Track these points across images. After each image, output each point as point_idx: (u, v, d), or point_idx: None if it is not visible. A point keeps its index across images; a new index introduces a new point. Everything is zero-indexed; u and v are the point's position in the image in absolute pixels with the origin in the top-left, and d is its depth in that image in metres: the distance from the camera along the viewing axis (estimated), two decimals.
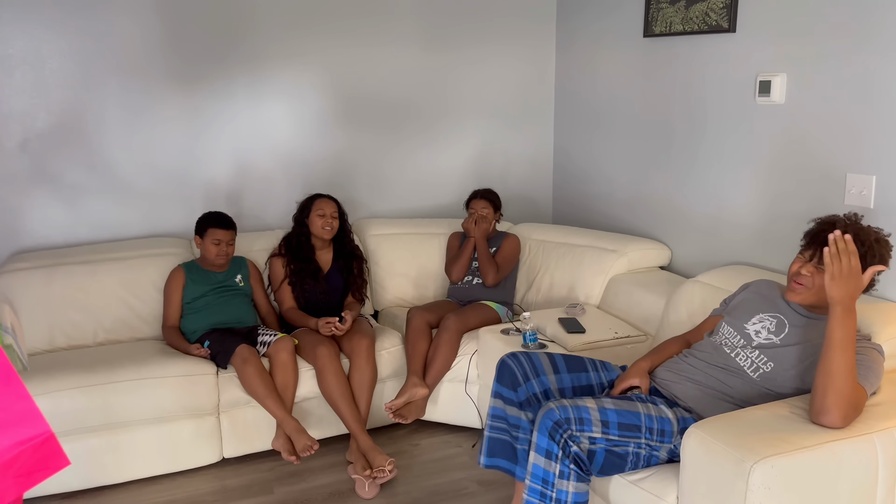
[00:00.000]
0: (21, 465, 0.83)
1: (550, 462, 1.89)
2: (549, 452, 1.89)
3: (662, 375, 2.16)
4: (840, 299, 1.74)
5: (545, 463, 1.90)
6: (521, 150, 4.01)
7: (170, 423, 2.72)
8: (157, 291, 3.07)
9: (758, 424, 1.78)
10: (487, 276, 3.23)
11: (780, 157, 2.63)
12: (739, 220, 2.84)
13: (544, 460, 1.90)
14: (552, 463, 1.89)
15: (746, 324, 2.09)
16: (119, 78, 3.20)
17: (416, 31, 3.67)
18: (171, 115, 3.31)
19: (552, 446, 1.88)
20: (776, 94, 2.59)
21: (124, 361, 2.72)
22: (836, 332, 1.74)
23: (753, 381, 2.00)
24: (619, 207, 3.57)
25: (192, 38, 3.27)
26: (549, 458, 1.89)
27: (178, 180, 3.38)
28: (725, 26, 2.79)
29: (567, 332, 2.77)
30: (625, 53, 3.41)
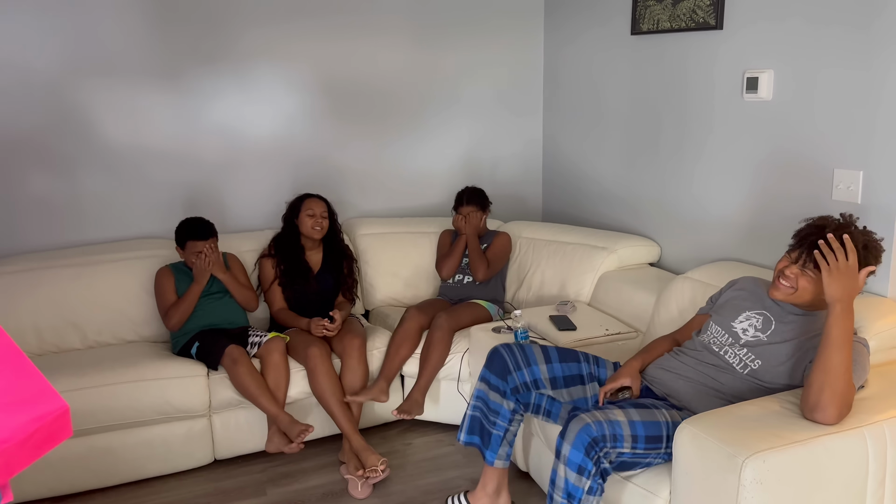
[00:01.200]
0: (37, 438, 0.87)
1: (581, 478, 1.85)
2: (581, 468, 1.85)
3: (654, 374, 2.17)
4: (839, 297, 1.75)
5: (576, 479, 1.86)
6: (510, 147, 4.02)
7: (161, 426, 2.71)
8: (145, 293, 3.05)
9: (749, 419, 1.79)
10: (478, 272, 3.24)
11: (767, 153, 2.65)
12: (728, 217, 2.86)
13: (575, 475, 1.86)
14: (583, 479, 1.85)
15: (733, 322, 2.10)
16: (103, 78, 3.17)
17: (404, 29, 3.66)
18: (157, 114, 3.29)
19: (587, 462, 1.84)
20: (763, 90, 2.60)
21: (114, 364, 2.70)
22: (835, 331, 1.75)
23: (743, 377, 2.02)
24: (608, 205, 3.58)
25: (176, 35, 3.25)
26: (582, 473, 1.85)
27: (165, 181, 3.36)
28: (712, 23, 2.81)
29: (558, 329, 2.78)
30: (613, 51, 3.42)
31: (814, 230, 1.90)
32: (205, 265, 2.85)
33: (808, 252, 1.87)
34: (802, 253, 1.90)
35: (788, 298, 1.96)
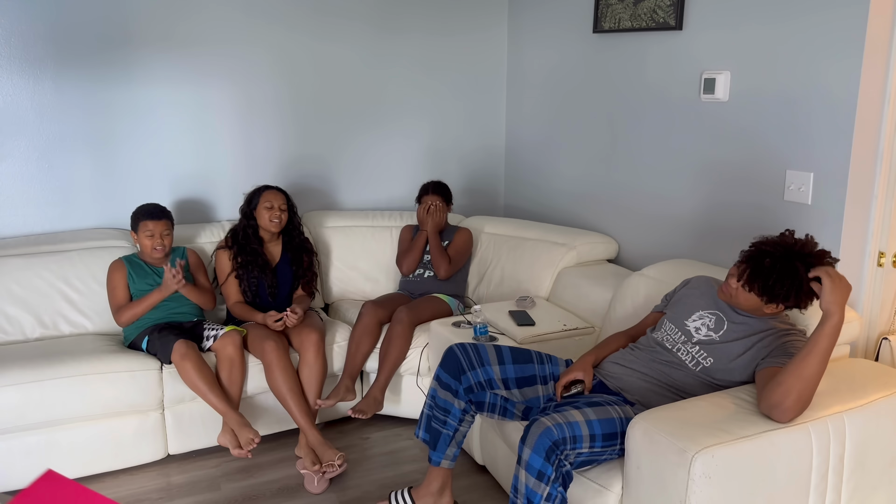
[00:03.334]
0: None
1: (540, 484, 1.84)
2: (541, 474, 1.84)
3: (608, 369, 2.20)
4: (835, 312, 1.76)
5: (534, 484, 1.85)
6: (473, 142, 4.02)
7: (112, 420, 2.65)
8: (97, 284, 2.98)
9: (699, 415, 1.83)
10: (440, 270, 3.24)
11: (723, 153, 2.69)
12: (683, 215, 2.91)
13: (534, 481, 1.85)
14: (542, 485, 1.84)
15: (686, 320, 2.14)
16: (56, 64, 3.08)
17: (366, 20, 3.63)
18: (110, 101, 3.21)
19: (546, 468, 1.83)
20: (720, 91, 2.65)
21: (64, 357, 2.63)
22: (823, 342, 1.76)
23: (695, 373, 2.05)
24: (569, 201, 3.61)
25: (130, 22, 3.17)
26: (541, 479, 1.84)
27: (119, 171, 3.28)
28: (672, 24, 2.84)
29: (517, 324, 2.80)
30: (575, 48, 3.44)
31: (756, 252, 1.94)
32: (174, 282, 2.78)
33: (748, 271, 1.93)
34: (744, 273, 1.95)
35: (730, 302, 2.05)
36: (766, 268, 1.88)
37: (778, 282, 1.88)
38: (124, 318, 2.84)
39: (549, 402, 2.24)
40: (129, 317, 2.83)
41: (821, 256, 1.88)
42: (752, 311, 2.03)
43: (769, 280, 1.89)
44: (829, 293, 1.78)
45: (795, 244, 1.91)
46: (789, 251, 1.89)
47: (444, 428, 2.29)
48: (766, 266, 1.88)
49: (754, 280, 1.91)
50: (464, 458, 2.79)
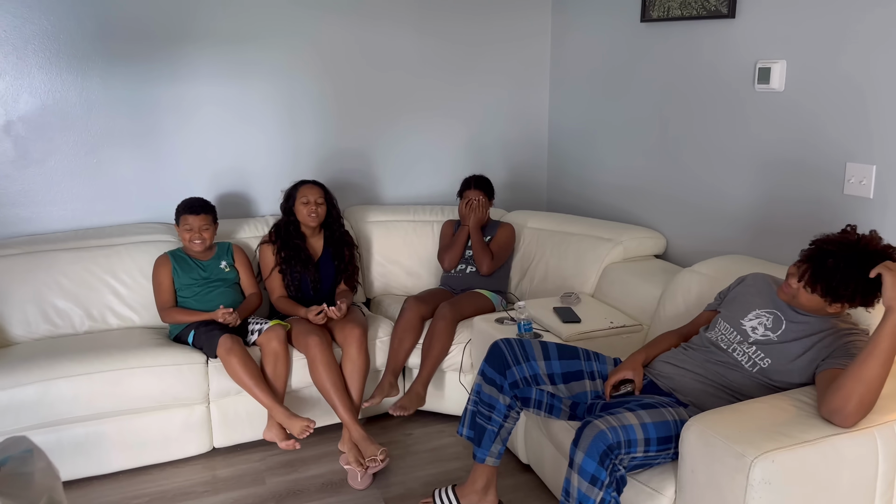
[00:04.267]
0: None
1: (594, 489, 1.79)
2: (594, 478, 1.79)
3: (660, 369, 2.14)
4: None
5: (587, 488, 1.80)
6: (515, 135, 3.96)
7: (159, 413, 2.68)
8: (144, 278, 3.01)
9: (758, 418, 1.76)
10: (482, 266, 3.20)
11: (778, 145, 2.60)
12: (736, 209, 2.82)
13: (587, 485, 1.80)
14: (595, 489, 1.79)
15: (743, 319, 2.07)
16: (104, 60, 3.11)
17: (409, 15, 3.60)
18: (156, 97, 3.24)
19: (600, 472, 1.78)
20: (775, 81, 2.55)
21: (112, 350, 2.67)
22: (884, 343, 1.68)
23: (752, 374, 1.98)
24: (614, 194, 3.54)
25: (177, 18, 3.19)
26: (594, 484, 1.79)
27: (164, 166, 3.31)
28: (725, 12, 2.75)
29: (562, 321, 2.74)
30: (622, 38, 3.36)
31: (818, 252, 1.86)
32: (228, 321, 2.79)
33: (810, 272, 1.85)
34: (805, 273, 1.87)
35: (790, 302, 1.98)
36: (828, 268, 1.80)
37: (842, 283, 1.80)
38: (169, 320, 2.88)
39: (596, 398, 2.19)
40: (174, 321, 2.87)
41: (886, 253, 1.79)
42: (813, 311, 1.94)
43: (833, 281, 1.81)
44: (891, 290, 1.69)
45: (859, 241, 1.82)
46: (853, 249, 1.81)
47: (489, 424, 2.25)
48: (828, 266, 1.80)
49: (817, 281, 1.83)
50: (508, 457, 2.75)
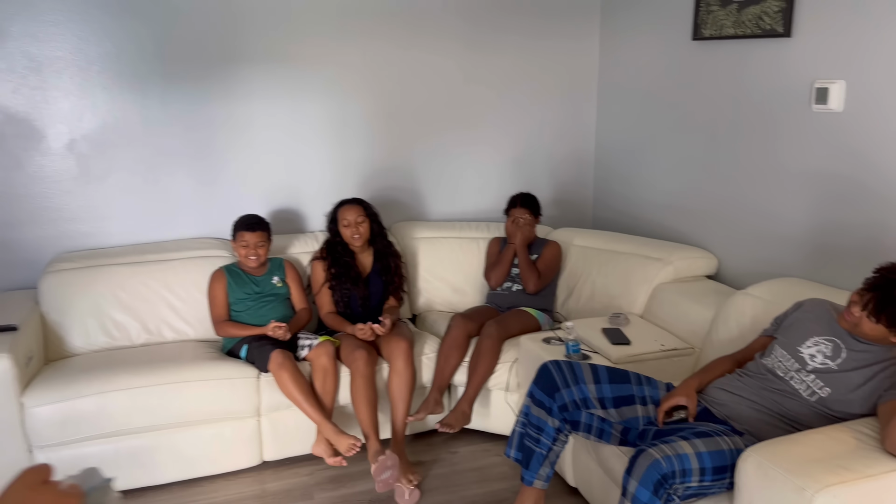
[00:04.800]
0: None
1: None
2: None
3: (715, 395, 2.10)
4: None
5: None
6: (562, 152, 3.96)
7: (211, 426, 2.74)
8: (199, 293, 3.08)
9: (817, 449, 1.72)
10: (529, 284, 3.19)
11: (837, 167, 2.54)
12: (791, 231, 2.76)
13: None
14: None
15: (800, 346, 2.02)
16: (163, 80, 3.21)
17: (457, 32, 3.63)
18: (211, 116, 3.32)
19: (654, 501, 1.78)
20: (834, 102, 2.50)
21: (166, 364, 2.74)
22: None
23: (811, 404, 1.94)
24: (663, 213, 3.50)
25: (231, 40, 3.27)
26: None
27: (219, 183, 3.39)
28: (780, 31, 2.71)
29: (611, 343, 2.72)
30: (672, 56, 3.33)
31: (884, 281, 1.82)
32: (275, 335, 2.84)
33: (875, 301, 1.82)
34: (869, 302, 1.83)
35: (852, 330, 1.94)
36: (894, 298, 1.76)
37: None
38: (223, 333, 2.95)
39: (648, 424, 2.16)
40: (228, 335, 2.94)
41: None
42: (876, 340, 1.89)
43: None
44: None
45: None
46: None
47: (538, 447, 2.24)
48: (894, 296, 1.76)
49: (882, 310, 1.79)
50: (555, 479, 2.73)
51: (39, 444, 2.57)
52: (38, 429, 2.54)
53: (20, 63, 3.03)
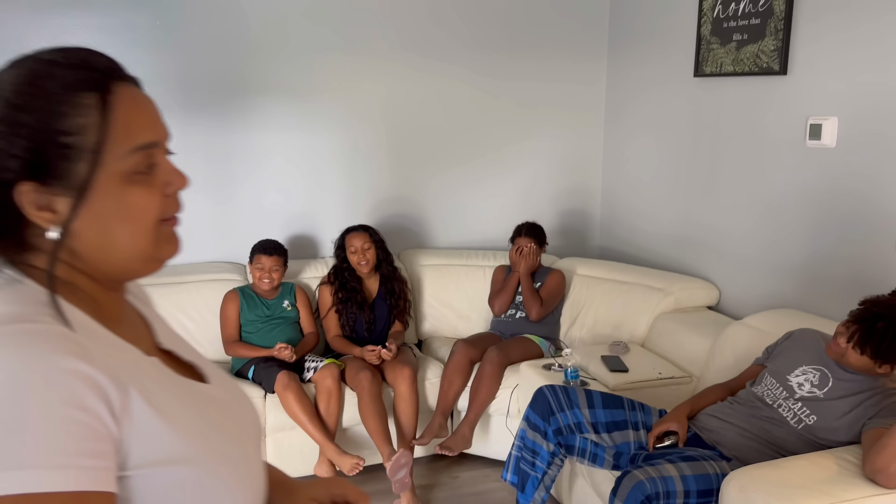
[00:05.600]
0: None
1: None
2: None
3: (705, 422, 2.15)
4: None
5: None
6: (568, 183, 4.04)
7: None
8: (211, 315, 3.18)
9: (799, 474, 1.76)
10: (531, 312, 3.26)
11: (831, 201, 2.60)
12: (788, 263, 2.81)
13: None
14: None
15: (789, 375, 2.07)
16: (183, 109, 3.36)
17: (468, 65, 3.75)
18: (230, 145, 3.46)
19: None
20: (827, 137, 2.57)
21: None
22: None
23: (797, 431, 1.98)
24: (667, 244, 3.56)
25: (249, 71, 3.42)
26: None
27: (235, 210, 3.52)
28: (777, 69, 2.79)
29: (609, 370, 2.77)
30: (675, 91, 3.43)
31: (868, 314, 1.87)
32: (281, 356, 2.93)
33: (860, 333, 1.87)
34: (854, 334, 1.89)
35: (839, 360, 1.99)
36: (878, 331, 1.82)
37: (891, 346, 1.81)
38: (232, 353, 3.04)
39: (640, 449, 2.20)
40: (237, 355, 3.03)
41: None
42: (862, 371, 1.94)
43: (883, 343, 1.82)
44: None
45: None
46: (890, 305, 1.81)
47: (533, 470, 2.29)
48: (878, 329, 1.81)
49: (866, 343, 1.84)
50: (552, 502, 2.77)
51: None
52: None
53: None
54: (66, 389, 0.65)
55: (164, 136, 0.82)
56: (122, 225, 0.76)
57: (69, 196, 0.73)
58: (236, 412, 0.88)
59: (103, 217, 0.75)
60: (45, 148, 0.72)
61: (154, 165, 0.80)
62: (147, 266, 0.81)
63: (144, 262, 0.80)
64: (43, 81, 0.73)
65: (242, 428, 0.87)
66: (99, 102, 0.74)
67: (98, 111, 0.74)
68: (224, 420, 0.83)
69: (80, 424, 0.65)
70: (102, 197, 0.74)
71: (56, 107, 0.72)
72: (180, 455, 0.73)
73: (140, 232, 0.77)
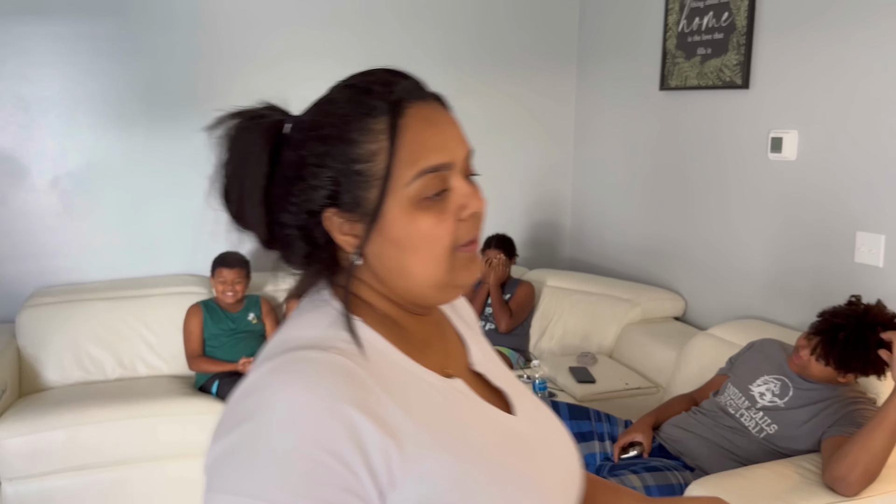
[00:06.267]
0: None
1: None
2: None
3: (669, 432, 2.16)
4: None
5: None
6: (538, 195, 4.06)
7: (182, 461, 2.75)
8: (174, 328, 3.13)
9: (760, 484, 1.77)
10: (501, 323, 3.25)
11: (792, 212, 2.64)
12: (752, 274, 2.84)
13: None
14: None
15: (751, 385, 2.09)
16: (148, 120, 3.31)
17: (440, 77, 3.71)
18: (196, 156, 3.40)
19: None
20: (788, 150, 2.61)
21: (139, 398, 2.77)
22: (892, 414, 1.70)
23: (758, 440, 1.99)
24: (635, 255, 3.58)
25: (215, 81, 3.39)
26: None
27: (199, 221, 3.47)
28: (739, 83, 2.83)
29: (577, 381, 2.77)
30: (642, 105, 3.46)
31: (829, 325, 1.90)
32: (245, 370, 2.89)
33: (822, 345, 1.89)
34: (817, 346, 1.91)
35: (801, 372, 2.01)
36: (840, 341, 1.84)
37: (853, 356, 1.84)
38: (196, 368, 2.99)
39: (605, 460, 2.20)
40: (201, 370, 2.98)
41: (893, 324, 1.82)
42: (824, 381, 1.97)
43: (845, 353, 1.85)
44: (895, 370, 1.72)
45: (867, 313, 1.86)
46: (861, 322, 1.84)
47: None
48: (839, 340, 1.84)
49: (829, 354, 1.87)
50: None
51: (8, 477, 2.58)
52: (8, 460, 2.57)
53: (9, 102, 3.13)
54: (326, 431, 0.64)
55: (459, 157, 0.80)
56: (413, 253, 0.74)
57: (364, 223, 0.73)
58: (542, 449, 0.81)
59: (396, 244, 0.74)
60: (342, 177, 0.73)
61: (447, 189, 0.76)
62: (444, 293, 0.78)
63: (440, 289, 0.77)
64: (337, 108, 0.75)
65: (547, 468, 0.80)
66: (388, 127, 0.73)
67: (387, 136, 0.73)
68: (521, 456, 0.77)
69: (325, 469, 0.63)
70: (392, 224, 0.73)
71: (348, 134, 0.73)
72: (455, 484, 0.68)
73: (432, 260, 0.75)
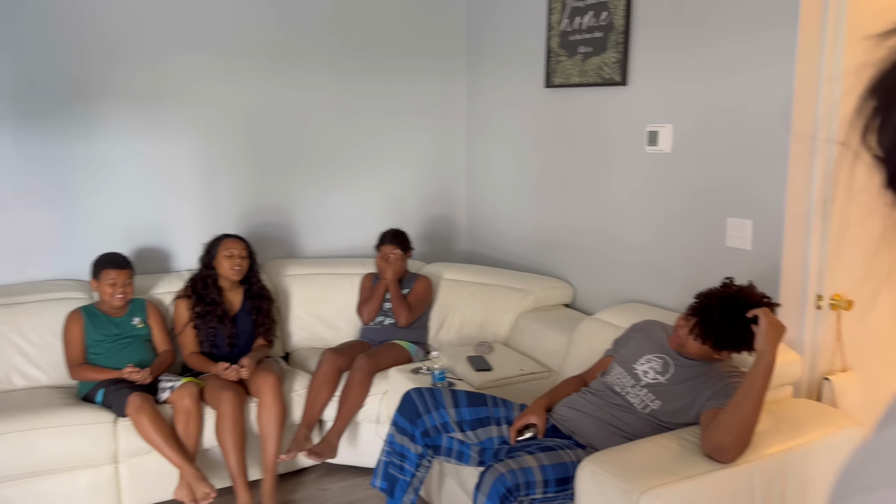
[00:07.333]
0: None
1: None
2: None
3: (561, 412, 2.25)
4: (769, 352, 1.85)
5: None
6: (434, 190, 4.10)
7: (65, 475, 2.61)
8: (53, 337, 2.95)
9: (645, 456, 1.88)
10: (400, 318, 3.27)
11: (668, 202, 2.81)
12: (634, 260, 3.00)
13: None
14: None
15: (635, 364, 2.21)
16: (17, 117, 3.10)
17: (329, 71, 3.73)
18: (69, 154, 3.23)
19: None
20: (663, 143, 2.77)
21: (15, 411, 2.60)
22: (758, 383, 1.84)
23: (644, 416, 2.11)
24: (527, 246, 3.70)
25: (89, 76, 3.22)
26: None
27: (76, 223, 3.28)
28: (618, 80, 2.98)
29: (475, 369, 2.84)
30: (529, 101, 3.57)
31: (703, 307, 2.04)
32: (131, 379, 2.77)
33: (699, 326, 2.03)
34: (694, 326, 2.04)
35: (680, 350, 2.15)
36: (715, 321, 1.98)
37: (727, 335, 1.98)
38: (78, 377, 2.83)
39: (503, 443, 2.27)
40: (84, 378, 2.83)
41: (762, 303, 1.98)
42: (700, 357, 2.11)
43: (720, 333, 1.99)
44: (763, 335, 1.87)
45: (739, 294, 2.01)
46: (734, 302, 1.99)
47: (402, 474, 2.30)
48: (715, 320, 1.98)
49: (706, 334, 2.00)
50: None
51: None
52: None
53: None
54: None
55: None
56: None
57: None
58: None
59: None
60: None
61: None
62: None
63: None
64: None
65: None
66: None
67: None
68: None
69: None
70: None
71: None
72: None
73: None
